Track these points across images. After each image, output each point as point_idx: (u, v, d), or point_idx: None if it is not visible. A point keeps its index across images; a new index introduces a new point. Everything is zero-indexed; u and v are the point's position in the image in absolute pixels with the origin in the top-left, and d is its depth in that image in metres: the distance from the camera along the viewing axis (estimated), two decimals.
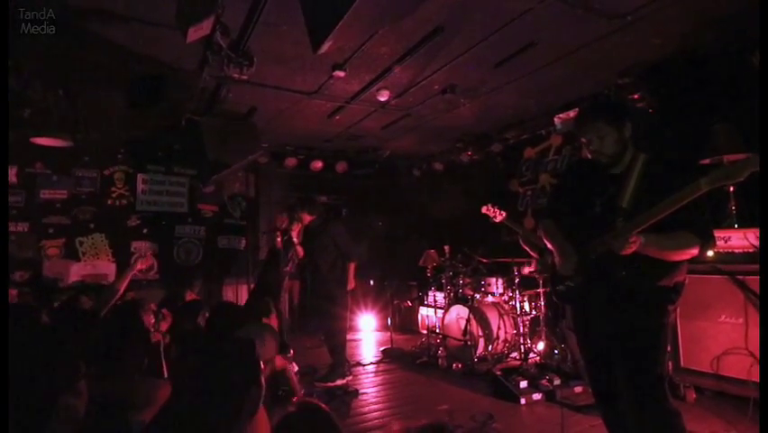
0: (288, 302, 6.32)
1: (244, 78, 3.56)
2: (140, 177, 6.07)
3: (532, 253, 2.48)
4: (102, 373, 1.47)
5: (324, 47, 2.15)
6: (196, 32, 2.73)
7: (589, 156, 1.99)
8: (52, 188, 5.53)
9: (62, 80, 4.06)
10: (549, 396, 3.65)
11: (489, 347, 4.67)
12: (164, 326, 3.46)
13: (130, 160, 6.02)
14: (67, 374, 1.21)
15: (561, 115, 4.86)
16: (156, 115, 4.69)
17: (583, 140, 1.97)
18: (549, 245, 2.13)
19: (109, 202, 5.86)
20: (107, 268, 5.72)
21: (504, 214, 3.90)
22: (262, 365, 1.44)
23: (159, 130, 5.56)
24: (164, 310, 3.70)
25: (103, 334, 1.85)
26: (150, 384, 1.72)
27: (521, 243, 2.58)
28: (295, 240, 5.60)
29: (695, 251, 1.76)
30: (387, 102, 4.69)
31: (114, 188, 5.91)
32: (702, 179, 1.62)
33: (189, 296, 4.02)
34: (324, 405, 1.37)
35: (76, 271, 5.48)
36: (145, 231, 6.05)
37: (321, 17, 2.09)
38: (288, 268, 5.47)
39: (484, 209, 4.00)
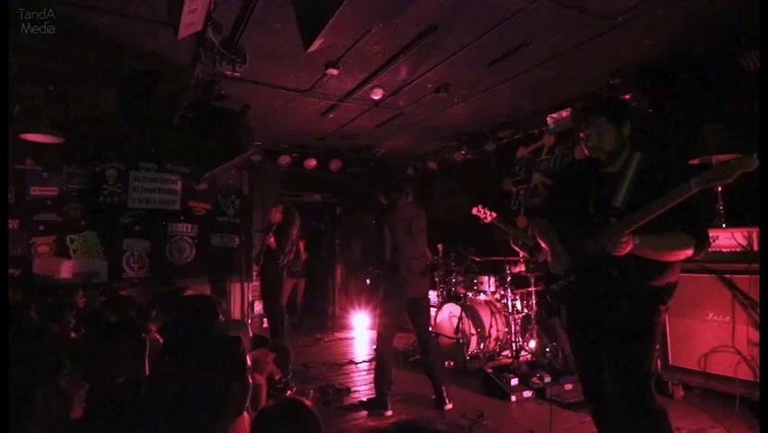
0: (290, 300, 6.32)
1: (237, 75, 3.56)
2: (132, 174, 6.03)
3: (522, 253, 2.49)
4: (88, 371, 1.46)
5: (316, 45, 2.16)
6: (188, 29, 2.72)
7: (586, 152, 1.98)
8: (42, 185, 5.48)
9: (52, 76, 4.02)
10: (539, 393, 3.68)
11: (481, 345, 4.70)
12: (155, 325, 3.44)
13: (122, 157, 5.98)
14: (46, 370, 1.20)
15: (553, 115, 4.88)
16: (148, 111, 4.65)
17: (581, 135, 1.97)
18: (542, 244, 2.14)
19: (100, 199, 5.82)
20: (99, 266, 5.68)
21: (494, 215, 3.91)
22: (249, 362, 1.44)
23: (151, 127, 5.52)
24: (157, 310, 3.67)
25: (89, 331, 1.84)
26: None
27: (511, 243, 2.59)
28: (294, 236, 5.57)
29: (690, 252, 1.76)
30: (380, 100, 4.69)
31: (105, 186, 5.86)
32: (692, 180, 1.61)
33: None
34: (308, 401, 1.37)
35: (67, 269, 5.44)
36: (137, 229, 6.01)
37: (312, 15, 2.09)
38: (284, 262, 5.45)
39: (474, 211, 4.01)
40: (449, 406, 3.51)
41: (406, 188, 3.86)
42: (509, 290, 4.75)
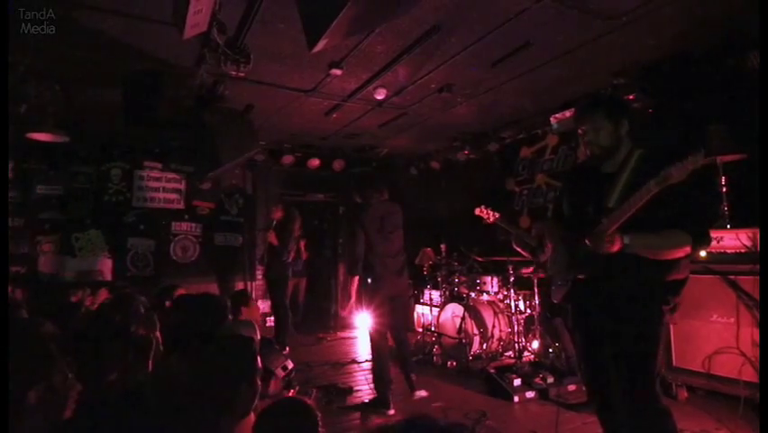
0: (291, 300, 6.34)
1: (241, 75, 3.56)
2: (136, 173, 6.06)
3: (524, 254, 2.50)
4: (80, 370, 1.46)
5: (320, 45, 2.16)
6: (193, 29, 2.73)
7: (584, 148, 2.03)
8: (48, 183, 5.53)
9: (58, 76, 4.05)
10: (542, 394, 3.68)
11: (484, 345, 4.70)
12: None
13: (126, 156, 6.01)
14: (36, 368, 1.19)
15: (557, 115, 4.87)
16: (153, 111, 4.68)
17: (580, 131, 2.03)
18: (549, 246, 2.17)
19: (105, 198, 5.85)
20: (103, 264, 5.72)
21: (497, 215, 3.91)
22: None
23: (155, 126, 5.55)
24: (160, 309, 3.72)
25: (85, 328, 1.84)
26: None
27: (513, 244, 2.60)
28: (295, 232, 5.60)
29: (687, 249, 1.78)
30: (384, 100, 4.69)
31: (110, 184, 5.90)
32: (651, 180, 1.70)
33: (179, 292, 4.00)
34: (309, 401, 1.37)
35: (71, 267, 5.48)
36: (141, 227, 6.04)
37: (317, 15, 2.09)
38: (289, 260, 5.49)
39: (477, 211, 4.01)
40: (422, 393, 3.60)
41: (380, 186, 3.86)
42: (512, 291, 4.74)
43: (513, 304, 4.72)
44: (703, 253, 3.26)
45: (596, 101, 2.05)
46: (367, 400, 3.69)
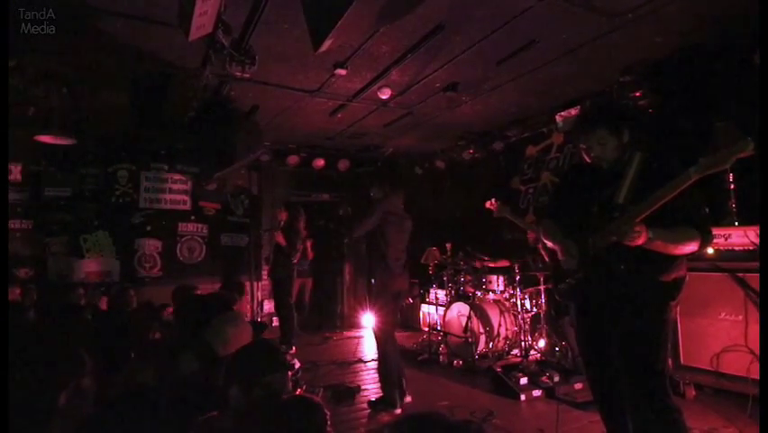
0: (297, 300, 6.37)
1: (246, 76, 3.58)
2: (143, 174, 6.10)
3: (544, 254, 2.49)
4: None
5: (325, 46, 2.17)
6: (198, 31, 2.74)
7: (590, 161, 2.01)
8: (56, 185, 5.57)
9: (66, 79, 4.09)
10: (549, 393, 3.67)
11: (490, 344, 4.69)
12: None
13: (133, 157, 6.05)
14: (66, 372, 1.21)
15: (562, 113, 4.86)
16: (159, 113, 4.71)
17: (583, 146, 2.00)
18: (550, 244, 2.16)
19: (112, 200, 5.90)
20: (111, 265, 5.77)
21: (506, 208, 3.90)
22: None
23: (162, 128, 5.59)
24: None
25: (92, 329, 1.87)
26: None
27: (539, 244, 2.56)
28: (301, 231, 5.63)
29: (696, 245, 1.80)
30: (388, 100, 4.70)
31: (117, 186, 5.95)
32: (691, 168, 1.66)
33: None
34: (317, 398, 1.38)
35: (79, 268, 5.53)
36: (148, 228, 6.09)
37: (321, 16, 2.10)
38: (295, 261, 5.52)
39: (488, 204, 4.02)
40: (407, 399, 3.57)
41: (398, 187, 3.80)
42: (518, 289, 4.74)
43: (519, 303, 4.71)
44: (711, 251, 3.25)
45: (597, 116, 2.01)
46: (374, 399, 3.69)
